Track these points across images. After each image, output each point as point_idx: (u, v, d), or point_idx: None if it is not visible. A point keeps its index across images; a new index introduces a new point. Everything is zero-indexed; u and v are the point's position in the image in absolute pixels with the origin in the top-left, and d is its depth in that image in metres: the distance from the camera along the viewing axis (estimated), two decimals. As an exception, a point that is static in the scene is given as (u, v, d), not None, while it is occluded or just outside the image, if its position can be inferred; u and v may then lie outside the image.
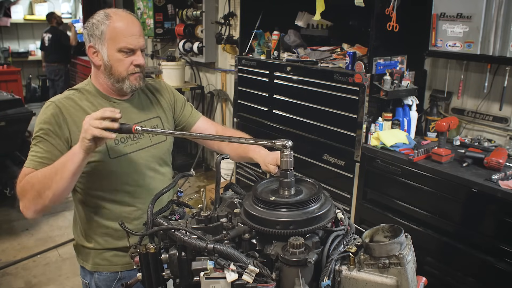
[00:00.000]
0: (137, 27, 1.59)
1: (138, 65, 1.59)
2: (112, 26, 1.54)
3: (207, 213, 1.22)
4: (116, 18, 1.56)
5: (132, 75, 1.59)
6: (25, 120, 4.48)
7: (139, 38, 1.58)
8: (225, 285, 1.05)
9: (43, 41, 7.79)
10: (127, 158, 1.62)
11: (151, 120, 1.72)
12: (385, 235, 1.11)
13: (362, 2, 2.71)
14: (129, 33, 1.55)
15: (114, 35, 1.54)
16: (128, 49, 1.56)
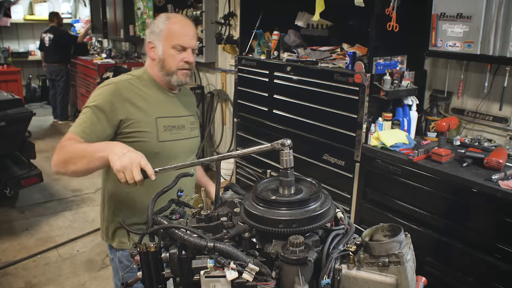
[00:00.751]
0: (190, 29, 1.83)
1: (187, 62, 1.82)
2: (169, 26, 1.80)
3: (207, 212, 1.23)
4: (174, 20, 1.82)
5: (180, 71, 1.82)
6: (25, 120, 4.48)
7: (192, 39, 1.82)
8: (225, 284, 1.05)
9: (43, 41, 7.76)
10: (170, 144, 1.83)
11: (190, 116, 1.96)
12: (385, 234, 1.12)
13: (362, 2, 2.71)
14: (183, 33, 1.80)
15: (170, 34, 1.79)
16: (180, 46, 1.79)
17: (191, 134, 1.94)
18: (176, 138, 1.86)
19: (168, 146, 1.82)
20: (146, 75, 1.87)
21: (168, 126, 1.83)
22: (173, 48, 1.79)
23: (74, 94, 8.21)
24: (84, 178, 5.38)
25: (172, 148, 1.83)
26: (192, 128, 1.96)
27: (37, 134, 7.17)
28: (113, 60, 7.32)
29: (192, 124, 1.96)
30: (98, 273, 3.46)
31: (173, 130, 1.85)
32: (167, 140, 1.82)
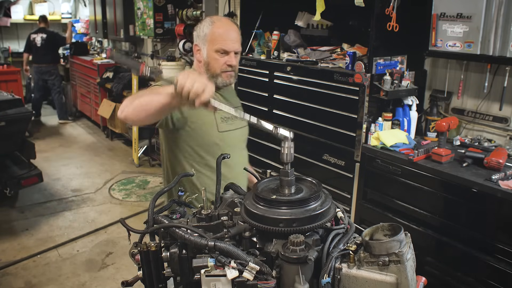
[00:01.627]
0: (234, 33, 1.88)
1: (230, 65, 1.87)
2: (213, 30, 1.86)
3: (207, 211, 1.23)
4: (218, 24, 1.87)
5: (224, 73, 1.89)
6: (25, 120, 4.48)
7: (234, 43, 1.87)
8: (226, 283, 1.05)
9: (33, 42, 7.68)
10: (228, 134, 1.95)
11: (238, 107, 2.09)
12: (385, 233, 1.12)
13: (362, 2, 2.71)
14: (226, 37, 1.85)
15: (214, 38, 1.85)
16: (223, 50, 1.85)
17: (242, 123, 2.04)
18: (232, 128, 1.98)
19: (227, 136, 1.95)
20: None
21: (224, 117, 1.95)
22: (216, 52, 1.85)
23: (74, 94, 8.22)
24: (84, 178, 5.38)
25: (230, 138, 1.96)
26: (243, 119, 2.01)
27: (37, 134, 7.17)
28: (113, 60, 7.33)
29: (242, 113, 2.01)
30: (98, 273, 3.46)
31: (229, 121, 1.97)
32: (226, 130, 1.95)
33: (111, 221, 4.23)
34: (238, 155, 2.03)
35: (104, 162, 6.01)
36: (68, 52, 8.59)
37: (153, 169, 5.76)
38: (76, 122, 8.22)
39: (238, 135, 2.04)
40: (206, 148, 1.92)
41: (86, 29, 8.98)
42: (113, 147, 6.70)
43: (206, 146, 1.92)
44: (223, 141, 1.94)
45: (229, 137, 1.98)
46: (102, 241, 3.91)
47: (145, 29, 6.06)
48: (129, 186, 5.18)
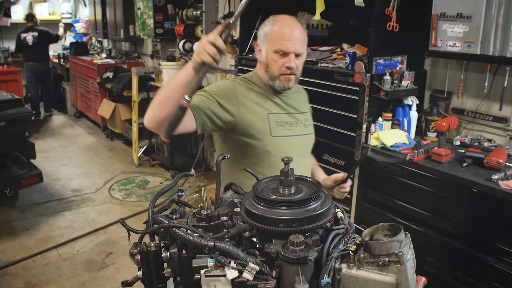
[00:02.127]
0: (295, 33, 1.73)
1: (289, 67, 1.73)
2: (273, 29, 1.75)
3: (207, 211, 1.23)
4: (279, 23, 1.77)
5: (283, 76, 1.75)
6: (25, 120, 4.48)
7: (295, 44, 1.71)
8: (226, 283, 1.05)
9: (24, 41, 7.71)
10: (284, 140, 1.79)
11: (303, 113, 1.91)
12: (385, 234, 1.12)
13: (362, 2, 2.71)
14: (285, 37, 1.71)
15: (273, 38, 1.74)
16: (282, 51, 1.72)
17: (305, 131, 1.89)
18: (289, 134, 1.82)
19: (281, 142, 1.78)
20: (255, 77, 1.87)
21: (281, 122, 1.81)
22: (275, 53, 1.73)
23: (74, 94, 8.22)
24: (84, 178, 5.38)
25: (285, 144, 1.79)
26: (306, 125, 1.90)
27: (37, 134, 7.17)
28: (113, 60, 7.33)
29: (306, 121, 1.91)
30: (98, 273, 3.45)
31: (286, 126, 1.82)
32: (280, 135, 1.78)
33: (111, 221, 4.23)
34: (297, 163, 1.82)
35: (104, 162, 6.01)
36: (68, 52, 8.59)
37: (153, 169, 5.76)
38: (76, 122, 8.22)
39: (297, 142, 1.85)
40: (256, 155, 1.76)
41: (86, 29, 8.98)
42: (113, 147, 6.69)
43: (256, 152, 1.76)
44: (276, 147, 1.77)
45: (286, 143, 1.80)
46: (102, 241, 3.91)
47: (145, 29, 6.06)
48: (129, 186, 5.18)
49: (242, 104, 1.74)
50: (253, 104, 1.77)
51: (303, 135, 1.88)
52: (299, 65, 1.76)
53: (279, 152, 1.75)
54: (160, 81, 5.58)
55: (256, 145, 1.75)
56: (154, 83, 5.54)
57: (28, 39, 7.72)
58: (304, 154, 1.90)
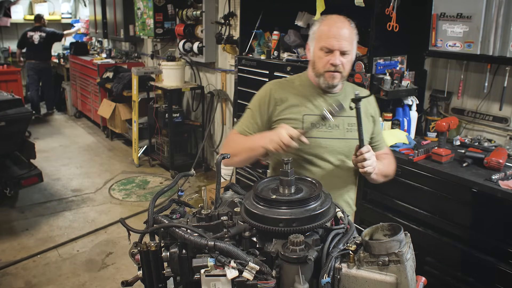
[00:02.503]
0: (341, 31, 1.74)
1: (333, 64, 1.75)
2: (320, 28, 1.79)
3: (207, 211, 1.23)
4: (326, 21, 1.79)
5: (327, 73, 1.78)
6: (25, 120, 4.48)
7: (340, 41, 1.73)
8: (226, 282, 1.05)
9: (30, 39, 7.83)
10: (316, 141, 1.80)
11: (350, 117, 1.83)
12: (385, 233, 1.12)
13: (362, 2, 2.71)
14: (331, 35, 1.74)
15: (319, 35, 1.78)
16: (327, 48, 1.75)
17: (346, 135, 1.85)
18: (324, 136, 1.82)
19: (312, 143, 1.77)
20: (304, 76, 1.93)
21: (317, 122, 1.76)
22: (321, 50, 1.76)
23: (74, 94, 8.22)
24: (84, 178, 5.38)
25: (317, 146, 1.81)
26: (349, 129, 1.86)
27: (37, 134, 7.17)
28: (113, 60, 7.32)
29: (350, 125, 1.86)
30: (98, 273, 3.45)
31: (322, 128, 1.82)
32: (312, 137, 1.77)
33: (111, 221, 4.23)
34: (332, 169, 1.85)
35: (104, 162, 6.01)
36: (68, 52, 8.59)
37: (153, 169, 5.76)
38: (76, 122, 8.22)
39: (332, 145, 1.83)
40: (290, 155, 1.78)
41: (86, 29, 8.98)
42: (113, 147, 6.69)
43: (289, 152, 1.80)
44: (306, 147, 1.78)
45: (317, 144, 1.81)
46: (102, 241, 3.91)
47: (145, 29, 6.06)
48: (129, 186, 5.18)
49: (276, 108, 1.85)
50: (288, 107, 1.85)
51: (342, 139, 1.85)
52: (345, 63, 1.76)
53: (310, 152, 1.81)
54: (160, 81, 5.58)
55: None
56: (154, 83, 5.54)
57: (35, 38, 7.82)
58: (344, 157, 1.86)
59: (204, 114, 5.52)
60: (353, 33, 1.78)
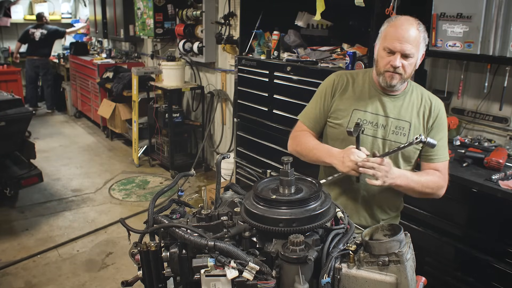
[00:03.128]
0: (406, 34, 1.74)
1: (393, 66, 1.76)
2: (387, 28, 1.80)
3: (207, 211, 1.23)
4: (394, 22, 1.79)
5: (387, 73, 1.79)
6: (25, 120, 4.48)
7: (403, 44, 1.73)
8: (226, 283, 1.05)
9: (32, 36, 7.96)
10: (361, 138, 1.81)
11: (400, 121, 1.87)
12: (385, 234, 1.12)
13: (362, 2, 2.71)
14: (395, 36, 1.75)
15: (385, 35, 1.79)
16: (389, 49, 1.76)
17: (390, 137, 1.86)
18: (368, 134, 1.87)
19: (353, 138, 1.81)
20: (368, 73, 1.97)
21: (363, 120, 1.87)
22: (384, 50, 1.78)
23: (74, 94, 8.22)
24: (84, 178, 5.38)
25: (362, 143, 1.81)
26: (395, 132, 1.86)
27: (37, 134, 7.17)
28: (113, 60, 7.32)
29: (398, 128, 1.86)
30: (98, 273, 3.45)
31: (368, 126, 1.87)
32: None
33: (111, 221, 4.23)
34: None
35: (104, 162, 6.01)
36: (68, 52, 8.59)
37: (153, 169, 5.76)
38: (76, 122, 8.22)
39: (373, 144, 1.87)
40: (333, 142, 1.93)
41: (86, 29, 8.98)
42: (113, 147, 6.69)
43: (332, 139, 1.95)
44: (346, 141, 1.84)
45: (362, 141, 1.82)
46: (102, 241, 3.91)
47: (145, 29, 6.06)
48: (129, 186, 5.18)
49: (336, 96, 1.94)
50: (345, 98, 1.93)
51: (384, 140, 1.87)
52: (406, 65, 1.77)
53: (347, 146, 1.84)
54: (160, 81, 5.58)
55: (333, 132, 1.95)
56: (154, 83, 5.54)
57: (36, 35, 7.96)
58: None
59: (204, 114, 5.52)
60: (419, 36, 1.76)
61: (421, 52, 1.80)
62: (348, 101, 1.92)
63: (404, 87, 1.89)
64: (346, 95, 1.93)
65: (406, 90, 1.90)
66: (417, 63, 1.82)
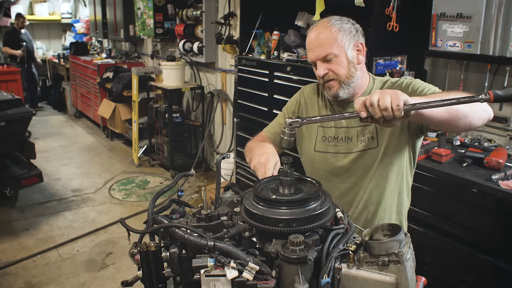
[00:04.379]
0: (313, 39, 1.58)
1: (320, 77, 1.59)
2: None
3: (207, 211, 1.23)
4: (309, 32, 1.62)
5: (324, 85, 1.62)
6: (25, 120, 4.48)
7: (315, 50, 1.57)
8: (226, 283, 1.05)
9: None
10: (322, 156, 1.71)
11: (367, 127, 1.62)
12: (385, 234, 1.12)
13: (362, 2, 2.71)
14: (308, 48, 1.61)
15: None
16: (311, 62, 1.62)
17: (360, 146, 1.63)
18: (330, 151, 1.68)
19: (318, 158, 1.71)
20: None
21: (328, 137, 1.69)
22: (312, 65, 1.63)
23: (74, 94, 8.22)
24: (84, 178, 5.38)
25: (322, 161, 1.70)
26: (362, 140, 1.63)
27: (37, 134, 7.17)
28: (113, 60, 7.33)
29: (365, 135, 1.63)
30: (98, 273, 3.45)
31: (332, 142, 1.68)
32: (320, 151, 1.70)
33: (111, 221, 4.23)
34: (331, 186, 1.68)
35: (104, 162, 6.01)
36: (68, 52, 8.59)
37: (153, 169, 5.76)
38: (76, 122, 8.22)
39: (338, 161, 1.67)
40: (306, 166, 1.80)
41: (86, 29, 8.98)
42: (113, 147, 6.69)
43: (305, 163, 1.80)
44: (316, 163, 1.72)
45: (322, 160, 1.70)
46: (102, 241, 3.91)
47: (145, 29, 6.06)
48: (129, 186, 5.18)
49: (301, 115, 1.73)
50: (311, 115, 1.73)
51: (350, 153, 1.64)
52: (334, 68, 1.56)
53: (318, 168, 1.72)
54: (160, 81, 5.58)
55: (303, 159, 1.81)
56: (154, 83, 5.54)
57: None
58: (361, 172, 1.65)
59: (204, 114, 5.52)
60: (331, 31, 1.54)
61: (348, 45, 1.56)
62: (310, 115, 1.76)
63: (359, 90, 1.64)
64: (310, 112, 1.78)
65: (366, 92, 1.65)
66: (351, 59, 1.57)
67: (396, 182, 1.68)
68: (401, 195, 1.72)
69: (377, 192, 1.67)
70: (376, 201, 1.68)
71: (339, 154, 1.68)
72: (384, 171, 1.64)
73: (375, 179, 1.65)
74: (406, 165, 1.68)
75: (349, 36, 1.57)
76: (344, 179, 1.69)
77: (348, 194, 1.69)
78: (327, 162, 1.70)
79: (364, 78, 1.67)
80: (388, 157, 1.62)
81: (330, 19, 1.59)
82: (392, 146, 1.61)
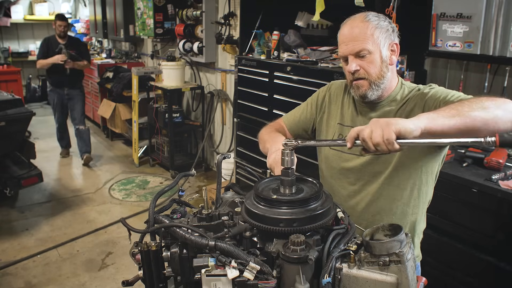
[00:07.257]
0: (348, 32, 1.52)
1: (350, 72, 1.51)
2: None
3: (208, 211, 1.23)
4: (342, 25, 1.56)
5: (352, 83, 1.54)
6: (25, 120, 4.48)
7: (348, 44, 1.49)
8: (226, 282, 1.05)
9: None
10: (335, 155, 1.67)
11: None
12: (385, 234, 1.12)
13: (362, 2, 2.71)
14: (340, 41, 1.54)
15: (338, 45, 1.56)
16: (342, 57, 1.54)
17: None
18: (344, 150, 1.61)
19: (331, 155, 1.67)
20: None
21: (345, 135, 1.46)
22: (343, 62, 1.55)
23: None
24: (84, 178, 5.38)
25: (335, 159, 1.66)
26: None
27: (37, 134, 7.17)
28: (113, 60, 7.32)
29: None
30: (98, 273, 3.45)
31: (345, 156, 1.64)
32: (335, 148, 1.66)
33: (111, 221, 4.23)
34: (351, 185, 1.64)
35: (104, 162, 6.01)
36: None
37: (153, 169, 5.76)
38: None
39: (355, 163, 1.60)
40: (320, 163, 1.76)
41: (86, 29, 8.98)
42: (113, 147, 6.69)
43: (320, 161, 1.75)
44: (329, 160, 1.68)
45: (335, 159, 1.65)
46: (102, 241, 3.91)
47: (145, 29, 6.06)
48: (129, 186, 5.19)
49: (324, 111, 1.73)
50: (333, 112, 1.71)
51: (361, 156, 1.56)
52: (365, 65, 1.48)
53: (327, 168, 1.70)
54: (160, 81, 5.58)
55: (319, 155, 1.77)
56: (154, 83, 5.54)
57: None
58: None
59: (204, 114, 5.53)
60: (367, 26, 1.50)
61: (383, 43, 1.52)
62: (334, 116, 1.70)
63: (386, 92, 1.57)
64: (333, 108, 1.72)
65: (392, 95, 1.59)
66: (384, 58, 1.52)
67: (410, 196, 1.60)
68: (415, 210, 1.66)
69: (385, 202, 1.59)
70: (384, 211, 1.61)
71: (352, 155, 1.61)
72: (396, 180, 1.56)
73: (385, 188, 1.57)
74: (424, 181, 1.59)
75: (385, 35, 1.54)
76: (353, 181, 1.64)
77: (355, 196, 1.64)
78: (339, 161, 1.65)
79: (393, 81, 1.61)
80: (402, 167, 1.53)
81: (367, 14, 1.55)
82: (407, 156, 1.52)
